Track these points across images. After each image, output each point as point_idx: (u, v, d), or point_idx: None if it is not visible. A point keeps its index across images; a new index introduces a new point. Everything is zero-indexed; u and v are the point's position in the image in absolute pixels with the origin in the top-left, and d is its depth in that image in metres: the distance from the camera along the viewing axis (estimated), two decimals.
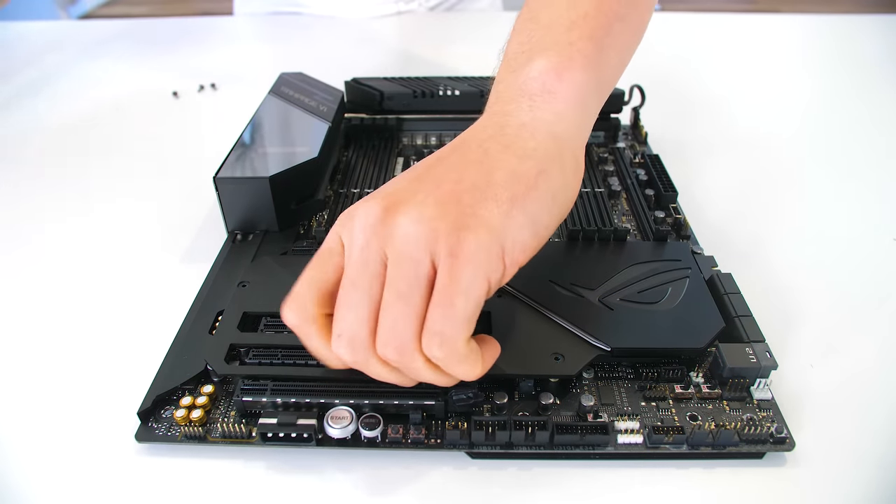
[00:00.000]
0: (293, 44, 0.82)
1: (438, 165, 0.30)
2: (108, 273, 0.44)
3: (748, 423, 0.31)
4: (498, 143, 0.30)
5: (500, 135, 0.30)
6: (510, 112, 0.31)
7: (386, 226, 0.27)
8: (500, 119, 0.31)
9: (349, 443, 0.31)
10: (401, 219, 0.27)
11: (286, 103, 0.51)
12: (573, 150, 0.31)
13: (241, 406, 0.32)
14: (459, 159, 0.30)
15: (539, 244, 0.30)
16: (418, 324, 0.26)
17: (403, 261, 0.26)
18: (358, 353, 0.27)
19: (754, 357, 0.33)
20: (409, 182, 0.29)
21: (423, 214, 0.27)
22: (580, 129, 0.32)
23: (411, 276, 0.26)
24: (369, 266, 0.27)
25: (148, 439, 0.32)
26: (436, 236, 0.26)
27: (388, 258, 0.27)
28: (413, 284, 0.26)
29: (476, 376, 0.28)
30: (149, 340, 0.37)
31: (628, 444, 0.31)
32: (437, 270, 0.26)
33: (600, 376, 0.34)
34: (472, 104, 0.54)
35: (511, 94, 0.32)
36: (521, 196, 0.28)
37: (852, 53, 0.78)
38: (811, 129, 0.61)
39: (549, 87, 0.31)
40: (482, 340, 0.30)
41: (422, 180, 0.29)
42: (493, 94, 0.34)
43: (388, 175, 0.50)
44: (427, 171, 0.29)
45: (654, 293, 0.36)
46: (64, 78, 0.73)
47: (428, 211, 0.27)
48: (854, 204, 0.50)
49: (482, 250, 0.26)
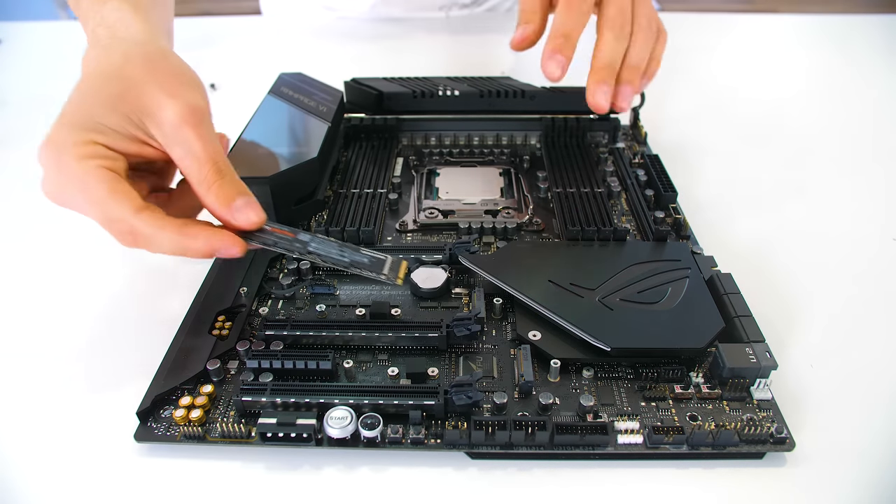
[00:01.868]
0: (293, 44, 0.82)
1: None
2: (107, 273, 0.44)
3: (748, 423, 0.31)
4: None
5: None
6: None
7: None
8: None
9: (349, 443, 0.31)
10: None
11: (286, 103, 0.51)
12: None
13: (241, 406, 0.32)
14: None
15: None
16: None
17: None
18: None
19: (754, 357, 0.33)
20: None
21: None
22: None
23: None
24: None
25: (147, 439, 0.32)
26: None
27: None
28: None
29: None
30: (148, 340, 0.37)
31: (628, 445, 0.31)
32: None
33: (600, 376, 0.34)
34: (471, 104, 0.54)
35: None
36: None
37: (851, 53, 0.78)
38: (811, 129, 0.61)
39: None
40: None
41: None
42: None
43: (387, 175, 0.50)
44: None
45: (654, 293, 0.36)
46: (64, 78, 0.73)
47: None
48: (854, 204, 0.50)
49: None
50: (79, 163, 0.31)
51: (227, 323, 0.37)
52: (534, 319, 0.36)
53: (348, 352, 0.36)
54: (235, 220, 0.33)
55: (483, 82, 0.56)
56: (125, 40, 0.37)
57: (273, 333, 0.35)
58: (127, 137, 0.33)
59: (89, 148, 0.32)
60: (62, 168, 0.31)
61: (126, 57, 0.35)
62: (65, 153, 0.31)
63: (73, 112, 0.33)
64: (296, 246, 0.35)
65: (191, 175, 0.33)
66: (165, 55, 0.36)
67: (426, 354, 0.36)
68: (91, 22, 0.38)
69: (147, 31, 0.38)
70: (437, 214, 0.46)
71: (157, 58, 0.35)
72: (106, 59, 0.35)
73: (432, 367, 0.34)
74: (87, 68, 0.36)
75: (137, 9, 0.38)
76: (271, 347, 0.35)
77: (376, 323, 0.36)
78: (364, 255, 0.35)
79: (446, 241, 0.43)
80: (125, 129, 0.33)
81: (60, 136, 0.32)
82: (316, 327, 0.35)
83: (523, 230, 0.45)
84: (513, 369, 0.35)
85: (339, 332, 0.35)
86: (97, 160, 0.32)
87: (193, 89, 0.35)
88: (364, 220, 0.44)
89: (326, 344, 0.36)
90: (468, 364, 0.35)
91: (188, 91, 0.34)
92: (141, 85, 0.33)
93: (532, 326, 0.36)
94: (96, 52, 0.36)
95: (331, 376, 0.34)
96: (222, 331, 0.36)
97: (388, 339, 0.35)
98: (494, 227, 0.45)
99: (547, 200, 0.48)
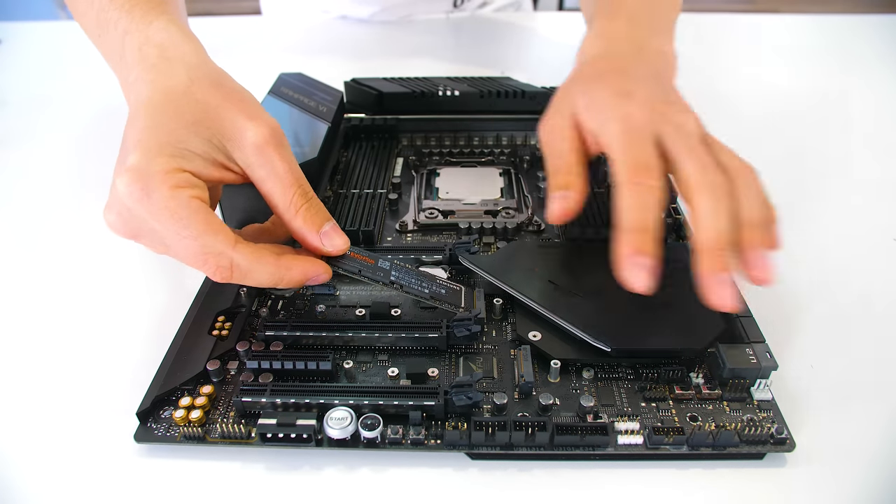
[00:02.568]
0: (293, 44, 0.82)
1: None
2: (108, 273, 0.44)
3: (748, 423, 0.31)
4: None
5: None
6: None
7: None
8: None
9: (349, 443, 0.31)
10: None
11: (286, 103, 0.51)
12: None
13: (241, 406, 0.32)
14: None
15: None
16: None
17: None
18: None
19: (754, 358, 0.33)
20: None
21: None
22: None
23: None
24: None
25: (147, 440, 0.32)
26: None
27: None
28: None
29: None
30: (148, 341, 0.37)
31: (628, 445, 0.31)
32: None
33: (600, 377, 0.34)
34: (471, 104, 0.54)
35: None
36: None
37: (852, 53, 0.78)
38: (810, 128, 0.61)
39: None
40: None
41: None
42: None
43: (387, 175, 0.50)
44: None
45: (654, 294, 0.36)
46: (64, 78, 0.73)
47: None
48: (854, 204, 0.50)
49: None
50: (172, 193, 0.29)
51: (226, 323, 0.37)
52: (534, 320, 0.36)
53: (348, 352, 0.36)
54: (325, 246, 0.34)
55: (483, 82, 0.55)
56: (178, 60, 0.34)
57: (273, 334, 0.35)
58: (211, 163, 0.32)
59: (179, 176, 0.30)
60: (153, 200, 0.29)
61: (191, 79, 0.33)
62: (154, 183, 0.29)
63: (153, 137, 0.31)
64: (378, 275, 0.35)
65: (275, 198, 0.33)
66: (226, 76, 0.35)
67: (426, 355, 0.36)
68: (134, 41, 0.36)
69: (197, 52, 0.36)
70: (437, 215, 0.46)
71: (224, 80, 0.35)
72: (166, 81, 0.33)
73: (432, 368, 0.34)
74: (145, 91, 0.33)
75: (182, 28, 0.37)
76: (271, 348, 0.35)
77: (376, 323, 0.36)
78: (441, 286, 0.36)
79: (446, 242, 0.43)
80: (209, 155, 0.32)
81: (145, 164, 0.30)
82: (316, 328, 0.35)
83: (523, 230, 0.45)
84: (513, 370, 0.35)
85: (339, 333, 0.35)
86: (189, 189, 0.30)
87: (264, 111, 0.34)
88: (364, 220, 0.44)
89: (326, 344, 0.36)
90: (468, 364, 0.35)
91: (263, 113, 0.33)
92: (218, 108, 0.32)
93: (532, 327, 0.36)
94: (151, 74, 0.34)
95: (331, 377, 0.34)
96: (222, 331, 0.36)
97: (388, 340, 0.35)
98: (494, 228, 0.45)
99: (547, 200, 0.48)
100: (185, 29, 0.37)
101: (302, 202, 0.33)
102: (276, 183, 0.33)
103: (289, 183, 0.33)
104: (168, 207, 0.29)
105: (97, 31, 0.40)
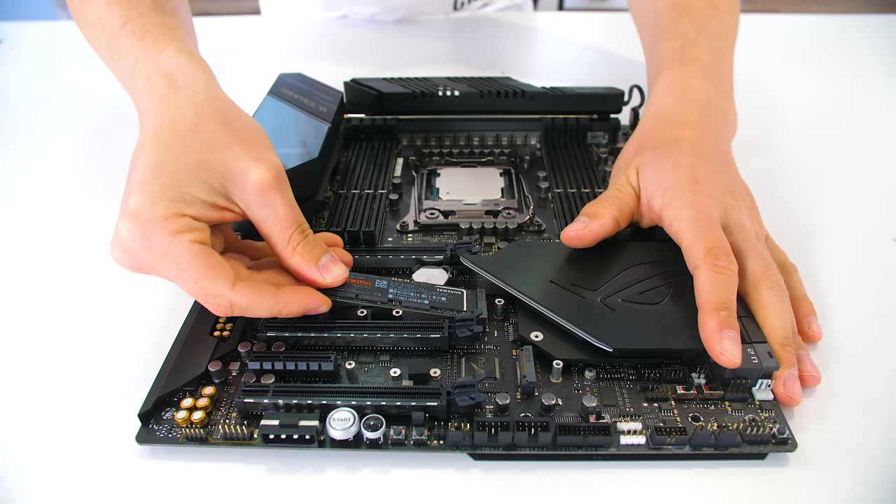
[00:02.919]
0: (293, 44, 0.82)
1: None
2: (109, 274, 0.43)
3: (750, 423, 0.31)
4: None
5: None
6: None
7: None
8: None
9: (351, 444, 0.31)
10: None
11: (285, 104, 0.51)
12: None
13: (243, 407, 0.32)
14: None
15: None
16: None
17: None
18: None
19: (756, 358, 0.33)
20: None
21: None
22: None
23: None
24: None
25: (149, 441, 0.32)
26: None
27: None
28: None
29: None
30: (150, 342, 0.37)
31: (631, 446, 0.31)
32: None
33: (602, 377, 0.34)
34: (471, 104, 0.54)
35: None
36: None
37: (852, 53, 0.78)
38: (810, 128, 0.61)
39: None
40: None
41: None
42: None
43: (388, 175, 0.50)
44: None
45: (656, 294, 0.36)
46: (64, 78, 0.73)
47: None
48: (854, 204, 0.50)
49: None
50: (172, 238, 0.30)
51: (228, 324, 0.37)
52: (535, 320, 0.36)
53: (350, 353, 0.36)
54: (324, 279, 0.34)
55: (483, 82, 0.55)
56: (187, 91, 0.35)
57: (275, 335, 0.35)
58: (210, 205, 0.32)
59: (179, 222, 0.31)
60: (153, 245, 0.30)
61: (197, 115, 0.34)
62: (154, 228, 0.30)
63: (156, 178, 0.31)
64: (377, 296, 0.36)
65: (274, 238, 0.34)
66: (234, 110, 0.36)
67: (428, 355, 0.36)
68: (145, 70, 0.36)
69: (207, 82, 0.36)
70: (438, 215, 0.46)
71: (231, 116, 0.35)
72: (173, 116, 0.34)
73: (434, 369, 0.34)
74: (151, 126, 0.34)
75: (192, 55, 0.37)
76: (273, 349, 0.35)
77: (378, 324, 0.36)
78: (442, 294, 0.37)
79: (447, 242, 0.43)
80: (209, 198, 0.32)
81: (147, 209, 0.30)
82: (317, 328, 0.35)
83: (524, 230, 0.45)
84: (515, 370, 0.35)
85: (340, 334, 0.35)
86: (188, 234, 0.31)
87: (270, 148, 0.35)
88: (364, 220, 0.44)
89: (328, 345, 0.36)
90: (470, 365, 0.35)
91: (269, 153, 0.34)
92: (222, 149, 0.33)
93: (534, 327, 0.36)
94: (160, 107, 0.34)
95: (333, 378, 0.34)
96: (224, 332, 0.36)
97: (390, 341, 0.35)
98: (495, 228, 0.45)
99: (547, 201, 0.48)
100: (195, 55, 0.37)
101: (299, 239, 0.34)
102: (276, 223, 0.33)
103: (288, 223, 0.33)
104: (168, 252, 0.30)
105: (109, 54, 0.40)
